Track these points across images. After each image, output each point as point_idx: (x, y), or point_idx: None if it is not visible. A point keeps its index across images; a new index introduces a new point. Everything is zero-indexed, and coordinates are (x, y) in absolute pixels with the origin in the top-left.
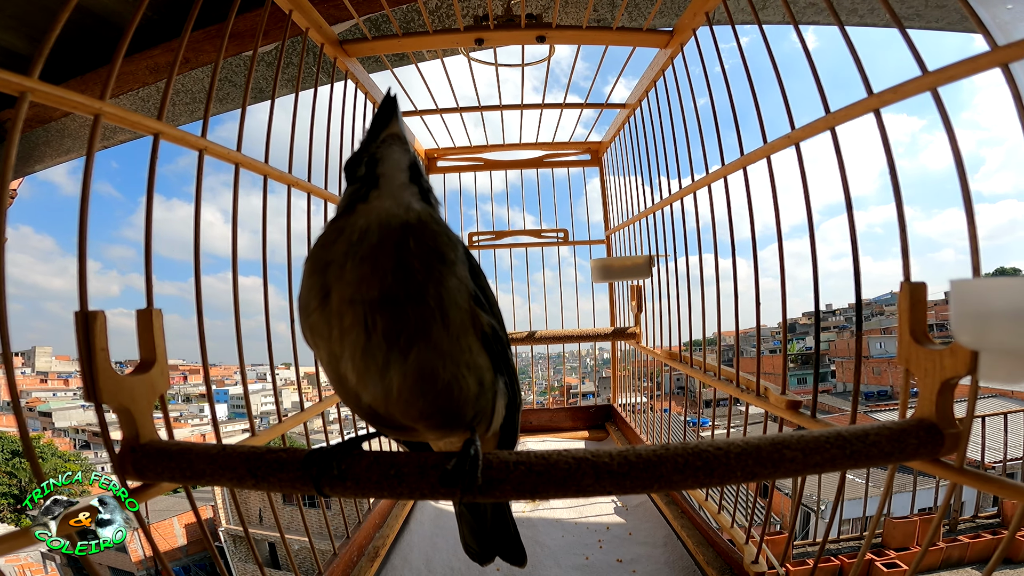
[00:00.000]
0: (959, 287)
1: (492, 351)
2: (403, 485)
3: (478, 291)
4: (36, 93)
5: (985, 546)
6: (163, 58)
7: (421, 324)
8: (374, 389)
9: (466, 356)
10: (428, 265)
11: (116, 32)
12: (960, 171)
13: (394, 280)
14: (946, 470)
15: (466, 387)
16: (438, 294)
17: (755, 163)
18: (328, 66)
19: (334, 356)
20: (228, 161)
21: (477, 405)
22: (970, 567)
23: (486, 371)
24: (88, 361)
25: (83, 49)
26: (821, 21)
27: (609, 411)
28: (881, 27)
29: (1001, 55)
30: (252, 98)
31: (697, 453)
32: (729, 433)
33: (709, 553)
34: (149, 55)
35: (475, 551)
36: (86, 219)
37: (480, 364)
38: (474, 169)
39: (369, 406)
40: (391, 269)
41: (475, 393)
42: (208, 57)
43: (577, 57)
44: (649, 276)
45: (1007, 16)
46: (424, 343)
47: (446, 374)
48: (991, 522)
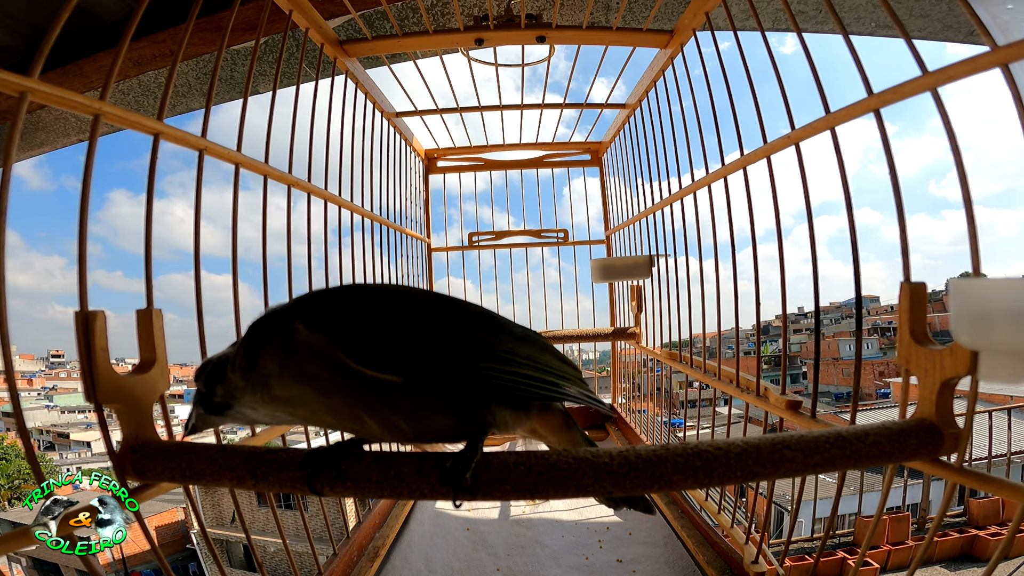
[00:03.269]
0: (959, 287)
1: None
2: (403, 485)
3: (369, 349)
4: (36, 93)
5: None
6: (148, 51)
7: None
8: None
9: (410, 402)
10: (315, 379)
11: (97, 23)
12: (960, 172)
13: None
14: (946, 470)
15: (433, 423)
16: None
17: (755, 163)
18: (328, 66)
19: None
20: (228, 161)
21: (464, 427)
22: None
23: (453, 400)
24: (88, 361)
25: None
26: (809, 28)
27: (609, 411)
28: (865, 35)
29: (1001, 55)
30: (238, 94)
31: (697, 453)
32: (699, 435)
33: (709, 553)
34: (135, 47)
35: (604, 500)
36: (86, 219)
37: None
38: (474, 169)
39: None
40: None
41: (450, 424)
42: (195, 51)
43: (577, 57)
44: (649, 276)
45: (1007, 16)
46: (367, 416)
47: (405, 423)
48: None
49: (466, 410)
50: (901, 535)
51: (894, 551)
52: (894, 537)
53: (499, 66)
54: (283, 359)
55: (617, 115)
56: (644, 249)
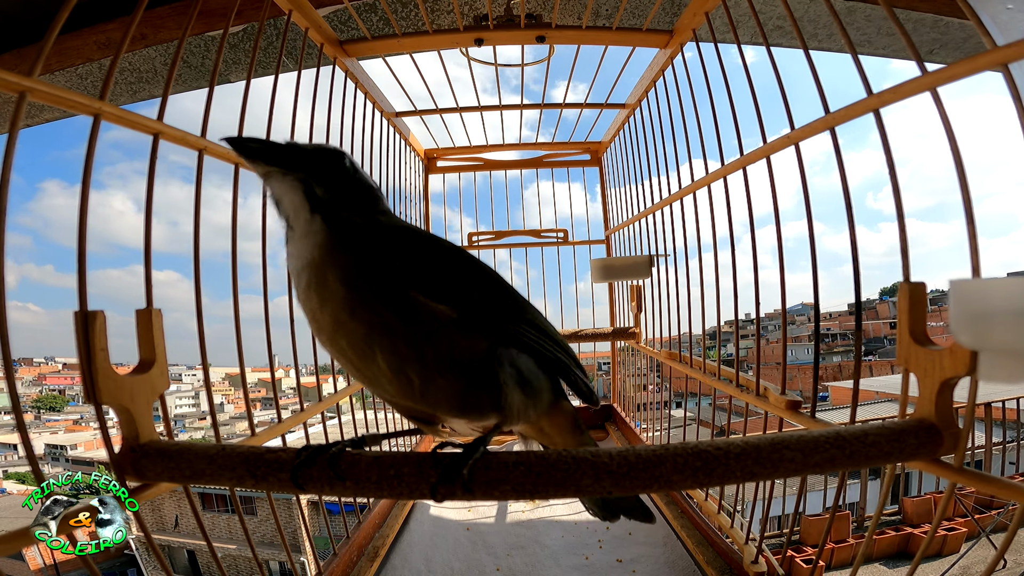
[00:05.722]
0: (959, 287)
1: (479, 337)
2: (403, 485)
3: (426, 277)
4: (35, 92)
5: (889, 542)
6: (117, 33)
7: (381, 338)
8: (378, 389)
9: (434, 349)
10: (355, 287)
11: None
12: (960, 172)
13: (339, 315)
14: (945, 470)
15: (445, 380)
16: (377, 308)
17: (755, 163)
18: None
19: (345, 364)
20: (228, 161)
21: (475, 397)
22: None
23: (471, 360)
24: (87, 361)
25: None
26: (784, 43)
27: (609, 411)
28: (835, 51)
29: (1001, 55)
30: (206, 82)
31: (697, 453)
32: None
33: (709, 553)
34: (102, 29)
35: (599, 513)
36: (85, 220)
37: (457, 355)
38: (474, 169)
39: (390, 401)
40: (333, 309)
41: (461, 386)
42: (168, 34)
43: (577, 57)
44: (649, 276)
45: (1007, 16)
46: (380, 348)
47: (417, 370)
48: (893, 519)
49: (489, 371)
50: (843, 533)
51: (836, 549)
52: (836, 535)
53: (499, 66)
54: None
55: (617, 115)
56: (644, 249)
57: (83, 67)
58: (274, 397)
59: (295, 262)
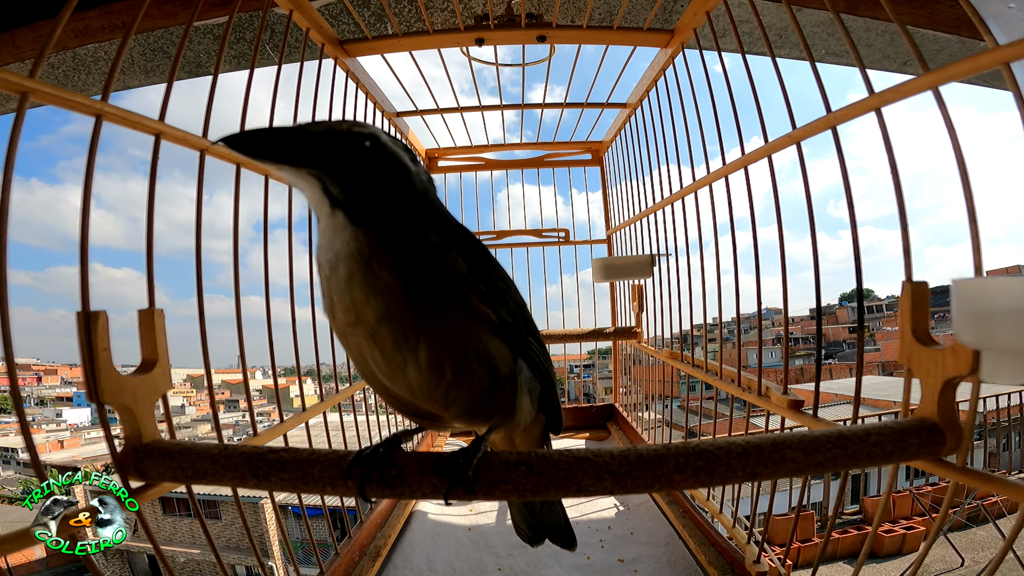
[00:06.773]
0: (962, 286)
1: (507, 342)
2: (404, 485)
3: (477, 279)
4: (37, 93)
5: (852, 541)
6: (97, 22)
7: (419, 325)
8: (398, 383)
9: (475, 346)
10: (408, 280)
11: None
12: (962, 172)
13: (391, 305)
14: (948, 469)
15: (477, 378)
16: (433, 302)
17: (756, 162)
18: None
19: (362, 358)
20: (230, 162)
21: (494, 398)
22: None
23: (501, 362)
24: (90, 361)
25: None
26: (778, 53)
27: (610, 411)
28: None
29: (1001, 55)
30: (188, 73)
31: (698, 453)
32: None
33: (711, 552)
34: (83, 17)
35: (526, 534)
36: (87, 219)
37: (492, 355)
38: (474, 169)
39: (399, 397)
40: (383, 300)
41: (488, 385)
42: (151, 23)
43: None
44: (651, 275)
45: (1007, 16)
46: (427, 339)
47: (455, 365)
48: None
49: (511, 375)
50: (808, 532)
51: (803, 548)
52: (801, 535)
53: (500, 65)
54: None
55: (618, 114)
56: (645, 248)
57: (56, 56)
58: (276, 399)
59: (326, 253)
